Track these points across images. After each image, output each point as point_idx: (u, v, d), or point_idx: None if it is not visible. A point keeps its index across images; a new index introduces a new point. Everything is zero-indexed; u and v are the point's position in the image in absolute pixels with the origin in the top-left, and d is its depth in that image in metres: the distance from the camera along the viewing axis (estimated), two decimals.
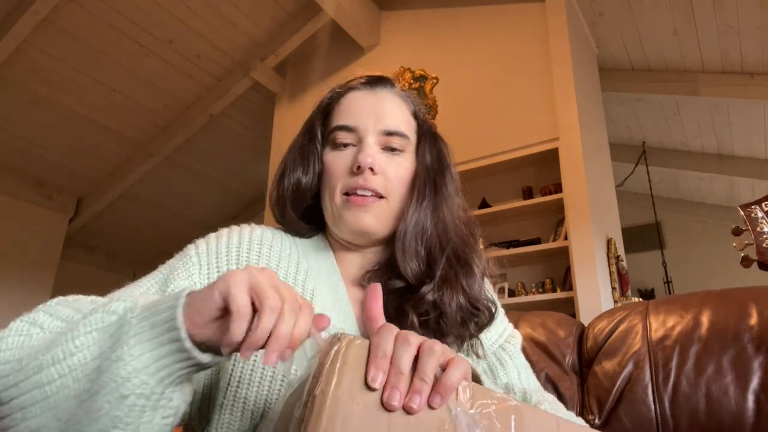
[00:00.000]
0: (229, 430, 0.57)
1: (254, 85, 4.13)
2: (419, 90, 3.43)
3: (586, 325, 1.11)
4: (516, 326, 1.13)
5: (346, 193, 0.68)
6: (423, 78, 3.44)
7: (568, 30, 2.98)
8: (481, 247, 0.76)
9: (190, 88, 4.17)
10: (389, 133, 0.70)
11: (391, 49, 3.70)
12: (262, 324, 0.41)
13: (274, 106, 4.18)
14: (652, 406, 0.88)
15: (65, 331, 0.47)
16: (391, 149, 0.70)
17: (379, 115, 0.70)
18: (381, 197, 0.68)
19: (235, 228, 0.72)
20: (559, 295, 2.62)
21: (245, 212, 5.72)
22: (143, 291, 0.63)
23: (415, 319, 0.63)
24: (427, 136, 0.76)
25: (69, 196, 4.83)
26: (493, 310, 0.71)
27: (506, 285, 2.87)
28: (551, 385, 1.01)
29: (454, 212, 0.72)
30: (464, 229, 0.72)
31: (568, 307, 2.55)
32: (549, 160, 2.87)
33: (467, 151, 3.08)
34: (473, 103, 3.20)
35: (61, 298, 0.57)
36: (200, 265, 0.65)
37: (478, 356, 0.70)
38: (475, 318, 0.68)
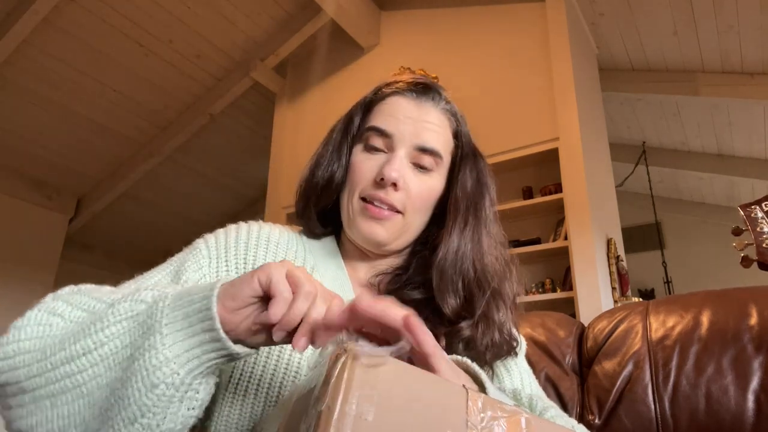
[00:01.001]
0: (228, 425, 0.57)
1: (254, 85, 4.13)
2: None
3: (586, 325, 1.11)
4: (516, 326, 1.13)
5: (364, 199, 0.67)
6: None
7: (568, 30, 2.98)
8: (515, 272, 0.74)
9: (190, 88, 4.17)
10: (423, 150, 0.68)
11: (391, 49, 3.70)
12: (297, 305, 0.43)
13: (274, 106, 4.18)
14: (652, 406, 0.88)
15: (92, 321, 0.47)
16: (421, 167, 0.68)
17: (418, 130, 0.68)
18: (398, 212, 0.67)
19: (243, 224, 0.71)
20: (559, 295, 2.62)
21: (245, 212, 5.72)
22: (155, 282, 0.63)
23: (444, 344, 0.62)
24: (469, 158, 0.74)
25: (69, 196, 4.83)
26: (515, 346, 0.70)
27: None
28: (551, 385, 1.01)
29: (493, 240, 0.70)
30: (502, 259, 0.71)
31: (568, 307, 2.55)
32: (549, 160, 2.87)
33: None
34: (473, 103, 3.20)
35: (73, 287, 0.57)
36: (210, 258, 0.65)
37: (486, 363, 0.69)
38: (498, 354, 0.68)
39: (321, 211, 0.73)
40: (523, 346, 0.79)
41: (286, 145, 3.86)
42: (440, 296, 0.65)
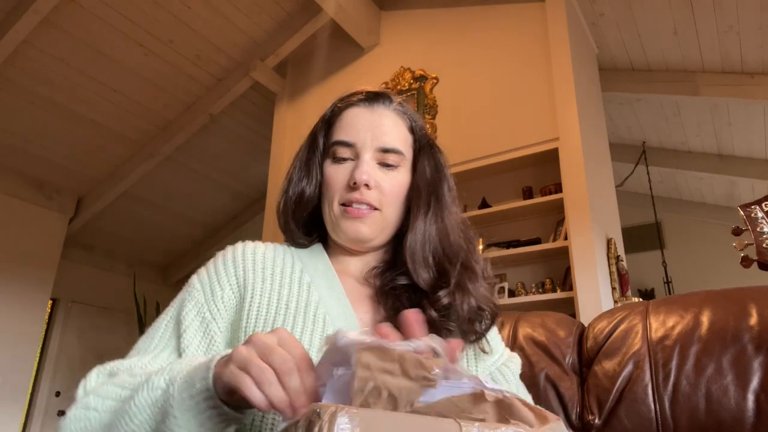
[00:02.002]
0: None
1: (254, 85, 4.13)
2: (419, 90, 3.43)
3: (586, 325, 1.11)
4: (516, 326, 1.14)
5: (343, 204, 0.73)
6: (423, 78, 3.44)
7: (568, 30, 2.98)
8: (480, 248, 0.80)
9: (190, 88, 4.17)
10: (385, 150, 0.74)
11: (391, 49, 3.70)
12: (273, 389, 0.45)
13: (274, 106, 4.18)
14: (652, 406, 0.88)
15: (121, 410, 0.55)
16: (387, 165, 0.75)
17: (376, 133, 0.75)
18: (375, 209, 0.73)
19: (229, 247, 0.76)
20: (559, 295, 2.62)
21: (245, 212, 5.72)
22: (161, 335, 0.69)
23: (434, 314, 0.68)
24: (426, 149, 0.80)
25: (69, 196, 4.83)
26: (495, 310, 0.76)
27: (506, 285, 2.87)
28: (551, 385, 1.01)
29: (454, 220, 0.77)
30: (464, 235, 0.77)
31: (568, 307, 2.55)
32: (549, 160, 2.87)
33: (467, 151, 3.08)
34: (473, 103, 3.20)
35: (98, 372, 0.64)
36: (203, 291, 0.71)
37: (484, 352, 0.75)
38: (481, 318, 0.73)
39: (303, 223, 0.80)
40: (518, 363, 0.82)
41: (286, 145, 3.85)
42: (415, 274, 0.71)
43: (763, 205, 0.96)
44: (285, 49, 3.92)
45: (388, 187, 0.74)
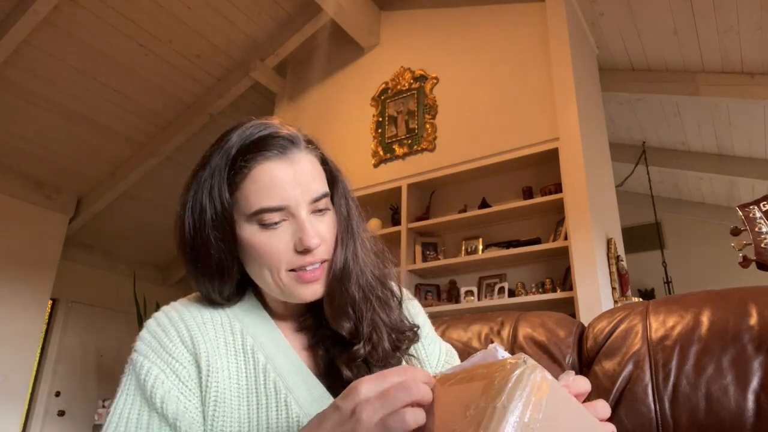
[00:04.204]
0: None
1: (254, 85, 4.13)
2: (419, 90, 3.43)
3: (586, 325, 1.11)
4: (516, 326, 1.14)
5: (293, 269, 0.67)
6: (423, 78, 3.44)
7: (568, 30, 2.98)
8: (393, 267, 0.79)
9: (190, 88, 4.17)
10: (317, 199, 0.68)
11: (391, 49, 3.70)
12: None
13: (274, 106, 4.18)
14: (652, 406, 0.88)
15: None
16: (319, 211, 0.69)
17: (303, 186, 0.66)
18: (325, 260, 0.69)
19: (161, 316, 0.69)
20: (559, 295, 2.62)
21: None
22: (136, 425, 0.62)
23: (349, 373, 0.67)
24: (335, 176, 0.75)
25: (69, 196, 4.83)
26: (416, 329, 0.76)
27: (506, 285, 2.87)
28: None
29: (366, 247, 0.74)
30: (378, 261, 0.76)
31: (568, 307, 2.55)
32: (549, 160, 2.87)
33: (467, 151, 3.08)
34: (473, 103, 3.20)
35: None
36: (162, 370, 0.64)
37: (419, 359, 0.78)
38: (404, 342, 0.73)
39: (227, 288, 0.71)
40: (455, 354, 0.87)
41: None
42: (337, 326, 0.68)
43: (761, 205, 0.96)
44: (285, 49, 3.92)
45: (328, 234, 0.69)
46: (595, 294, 2.45)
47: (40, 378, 4.87)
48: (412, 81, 3.48)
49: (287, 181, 0.66)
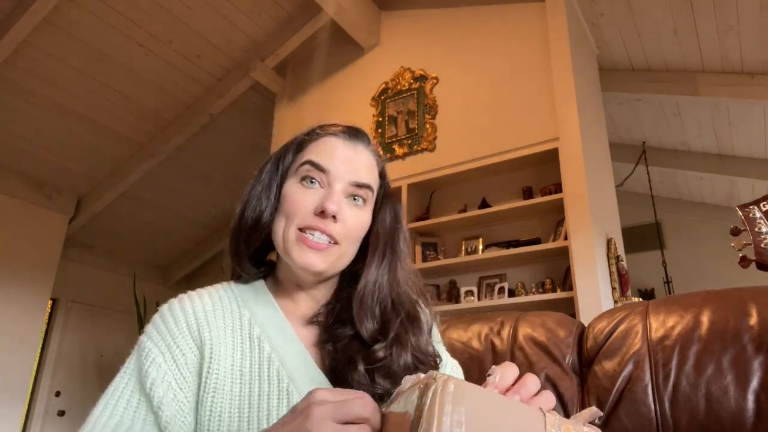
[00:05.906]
0: None
1: (254, 85, 4.13)
2: (419, 90, 3.43)
3: (586, 325, 1.11)
4: (516, 326, 1.14)
5: (302, 230, 0.70)
6: (423, 78, 3.45)
7: (568, 30, 2.98)
8: (429, 299, 0.82)
9: (190, 88, 4.17)
10: (359, 186, 0.73)
11: (391, 49, 3.70)
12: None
13: (274, 106, 4.18)
14: (652, 406, 0.88)
15: None
16: (355, 201, 0.73)
17: (354, 167, 0.73)
18: (336, 243, 0.71)
19: (174, 304, 0.72)
20: (559, 295, 2.62)
21: None
22: (124, 411, 0.64)
23: (363, 369, 0.68)
24: (388, 197, 0.80)
25: (69, 196, 4.83)
26: (438, 360, 0.77)
27: (506, 285, 2.87)
28: (551, 385, 1.01)
29: (407, 271, 0.78)
30: (415, 287, 0.79)
31: (568, 307, 2.55)
32: (549, 160, 2.87)
33: (467, 151, 3.08)
34: (473, 103, 3.20)
35: None
36: (162, 353, 0.67)
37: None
38: (423, 366, 0.73)
39: (254, 251, 0.77)
40: (436, 335, 0.85)
41: None
42: (359, 322, 0.71)
43: (761, 205, 0.96)
44: (285, 49, 3.92)
45: (353, 224, 0.72)
46: (595, 294, 2.45)
47: (40, 378, 4.87)
48: (412, 81, 3.48)
49: (340, 154, 0.73)
